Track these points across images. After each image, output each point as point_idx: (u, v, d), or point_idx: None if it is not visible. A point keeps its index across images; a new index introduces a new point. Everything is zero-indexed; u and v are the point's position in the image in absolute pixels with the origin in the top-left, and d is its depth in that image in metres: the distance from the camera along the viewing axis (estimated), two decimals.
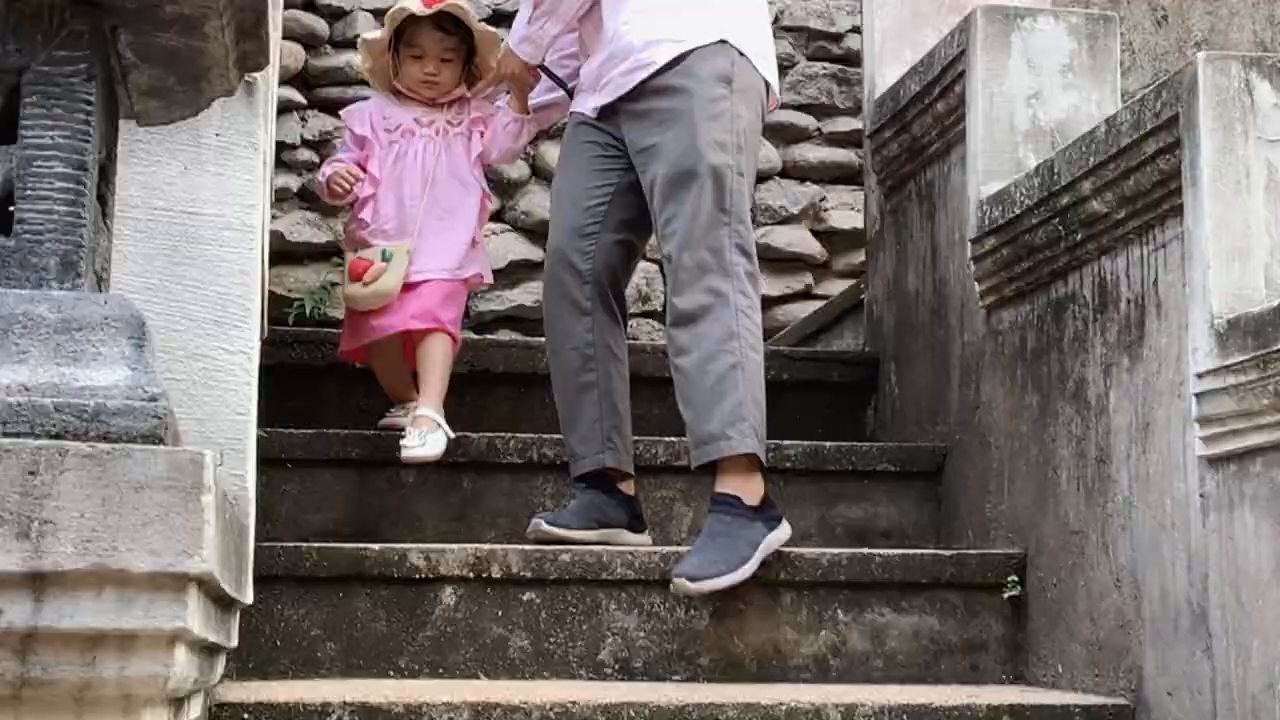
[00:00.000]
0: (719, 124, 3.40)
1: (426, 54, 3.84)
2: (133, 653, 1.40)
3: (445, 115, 3.89)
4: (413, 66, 3.85)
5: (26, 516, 1.36)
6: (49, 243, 1.51)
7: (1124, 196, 3.12)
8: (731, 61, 3.46)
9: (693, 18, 3.47)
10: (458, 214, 3.82)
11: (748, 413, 3.31)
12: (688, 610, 3.41)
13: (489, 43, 3.88)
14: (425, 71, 3.84)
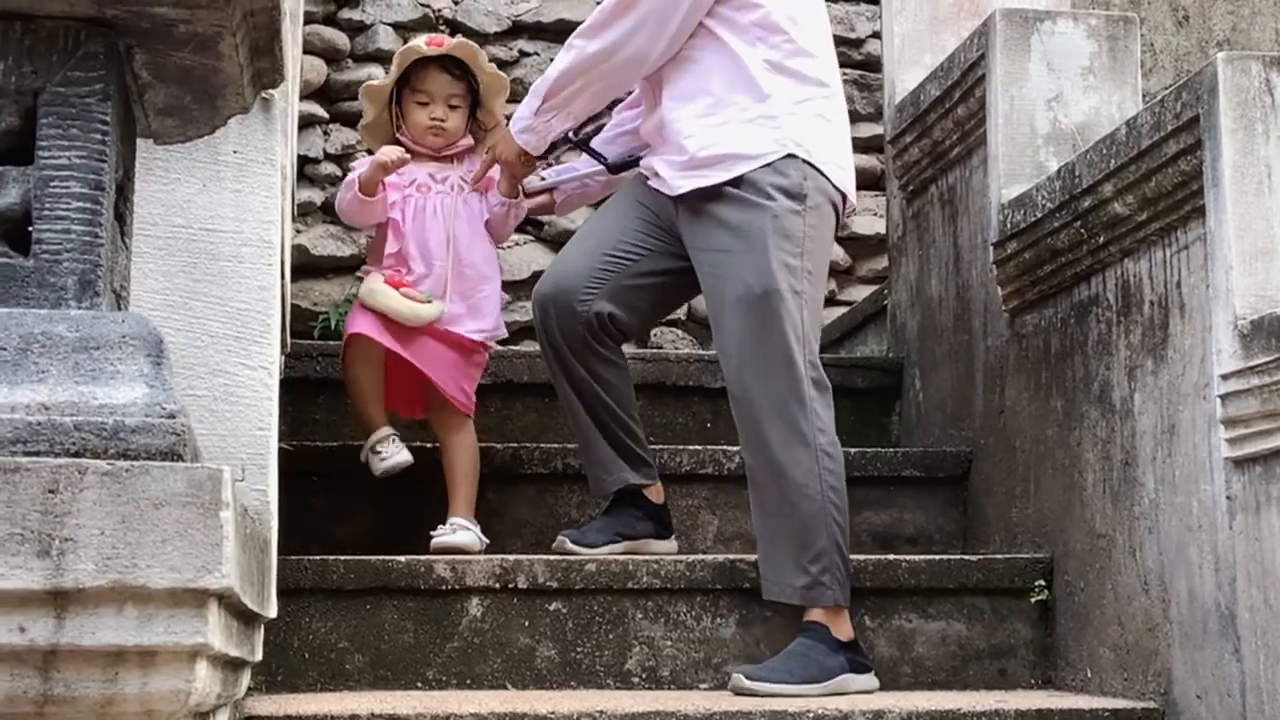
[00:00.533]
0: (789, 244, 3.23)
1: (434, 99, 3.70)
2: (154, 669, 1.40)
3: (458, 170, 3.74)
4: (419, 113, 3.70)
5: (47, 535, 1.37)
6: (67, 262, 1.52)
7: (1146, 198, 3.11)
8: (804, 176, 3.27)
9: (759, 132, 3.27)
10: (486, 271, 3.70)
11: (832, 560, 3.19)
12: (714, 619, 3.41)
13: (496, 89, 3.75)
14: (432, 117, 3.68)
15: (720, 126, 3.27)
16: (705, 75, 3.30)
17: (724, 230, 3.26)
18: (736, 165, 3.25)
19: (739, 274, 3.21)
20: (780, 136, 3.25)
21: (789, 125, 3.27)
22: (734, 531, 3.81)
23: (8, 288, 1.52)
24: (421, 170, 3.70)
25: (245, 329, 2.04)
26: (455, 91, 3.69)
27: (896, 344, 4.54)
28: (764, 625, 3.41)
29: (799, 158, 3.25)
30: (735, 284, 3.21)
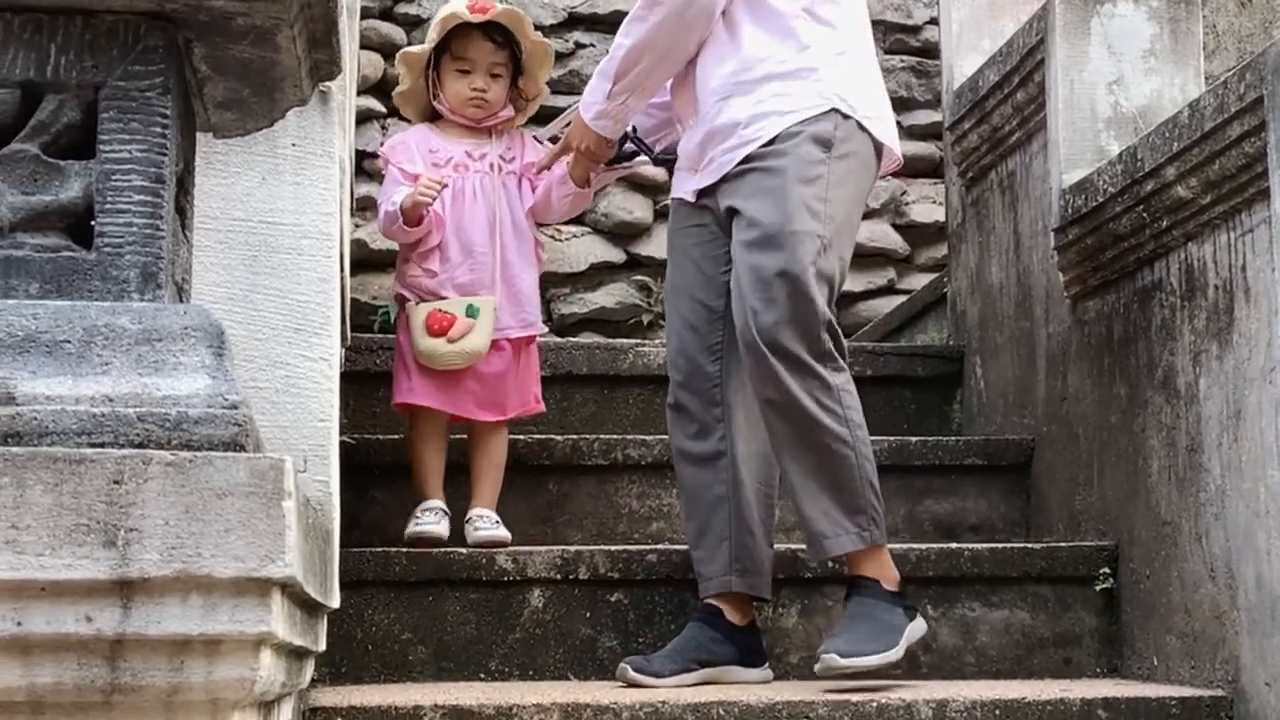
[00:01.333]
0: (812, 189, 3.08)
1: (475, 67, 3.53)
2: (219, 658, 1.41)
3: (497, 149, 3.58)
4: (458, 82, 3.53)
5: (113, 525, 1.38)
6: (129, 255, 1.53)
7: (1209, 181, 3.07)
8: (835, 125, 3.12)
9: (799, 88, 3.13)
10: (523, 262, 3.57)
11: (867, 502, 3.08)
12: (775, 609, 3.40)
13: (539, 57, 3.60)
14: (473, 87, 3.52)
15: (759, 84, 3.13)
16: (739, 31, 3.16)
17: (751, 182, 3.12)
18: (778, 122, 3.11)
19: (758, 216, 3.08)
20: (823, 89, 3.13)
21: (830, 78, 3.14)
22: (795, 522, 3.79)
23: (71, 281, 1.53)
24: (458, 147, 3.57)
25: (305, 321, 2.05)
26: (498, 60, 3.55)
27: (957, 332, 4.51)
28: (826, 615, 3.40)
29: (840, 112, 3.13)
30: (753, 228, 3.08)
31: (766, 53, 3.13)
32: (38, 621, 1.38)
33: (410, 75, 3.55)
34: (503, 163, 3.54)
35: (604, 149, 3.35)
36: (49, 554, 1.37)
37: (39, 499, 1.38)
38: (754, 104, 3.11)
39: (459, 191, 3.49)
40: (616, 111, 3.23)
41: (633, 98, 3.21)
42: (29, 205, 1.54)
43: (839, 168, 3.12)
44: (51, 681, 1.40)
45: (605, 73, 3.21)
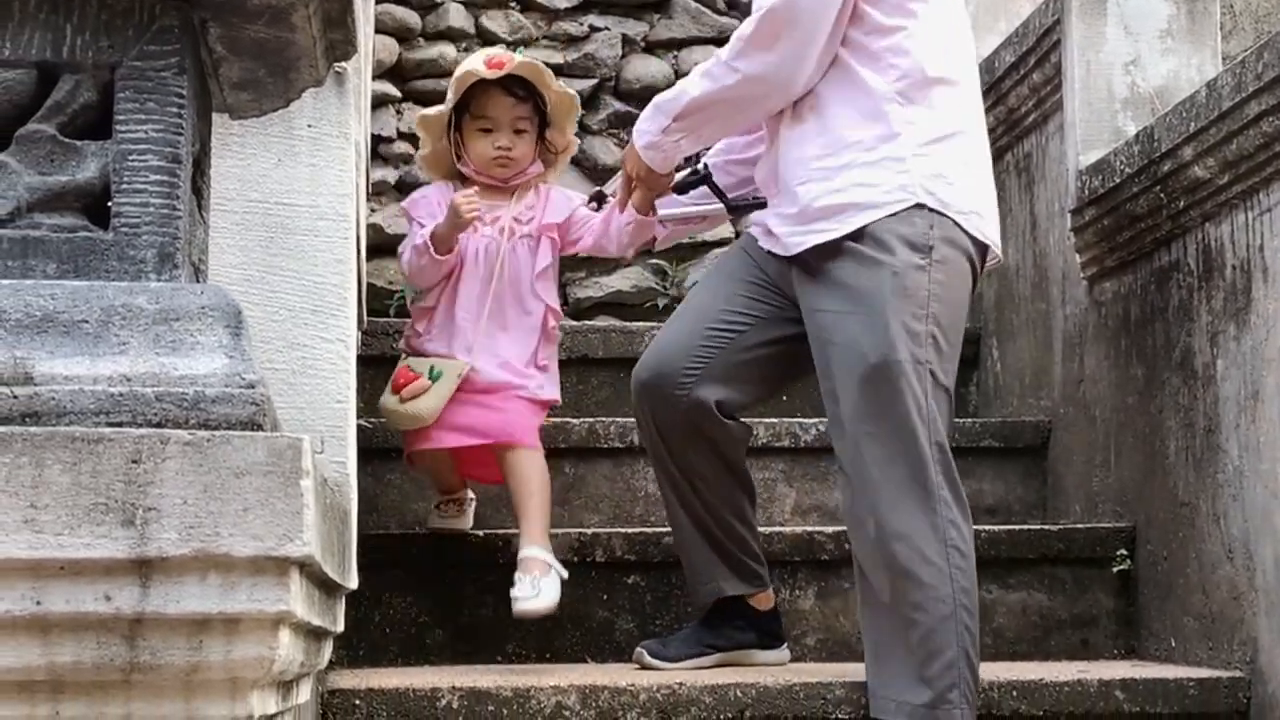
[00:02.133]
0: (911, 305, 2.76)
1: (498, 125, 3.28)
2: (238, 636, 1.41)
3: (513, 210, 3.30)
4: (481, 142, 3.27)
5: (131, 504, 1.38)
6: (146, 235, 1.54)
7: (1227, 161, 3.06)
8: (929, 224, 2.79)
9: (883, 178, 2.80)
10: (511, 334, 3.27)
11: (961, 675, 2.71)
12: (792, 591, 3.40)
13: (565, 108, 3.34)
14: (497, 146, 3.26)
15: (840, 171, 2.82)
16: (826, 109, 2.86)
17: (837, 290, 2.81)
18: (856, 216, 2.80)
19: (852, 339, 2.77)
20: (908, 182, 2.79)
21: (918, 169, 2.80)
22: (811, 504, 3.80)
23: (88, 261, 1.54)
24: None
25: (322, 302, 2.05)
26: (521, 114, 3.29)
27: (973, 314, 4.49)
28: (843, 597, 3.40)
29: (928, 207, 2.79)
30: (848, 351, 2.77)
31: (854, 136, 2.82)
32: (57, 600, 1.39)
33: (431, 138, 3.33)
34: (516, 225, 3.28)
35: (656, 178, 3.08)
36: (68, 533, 1.37)
37: (57, 478, 1.38)
38: (833, 192, 2.82)
39: (471, 253, 3.26)
40: (668, 147, 3.00)
41: (687, 140, 2.99)
42: (46, 186, 1.54)
43: (938, 275, 2.79)
44: (71, 660, 1.40)
45: (664, 108, 2.97)
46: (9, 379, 1.44)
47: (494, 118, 3.27)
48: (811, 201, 2.84)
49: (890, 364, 2.72)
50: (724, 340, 3.02)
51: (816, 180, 2.84)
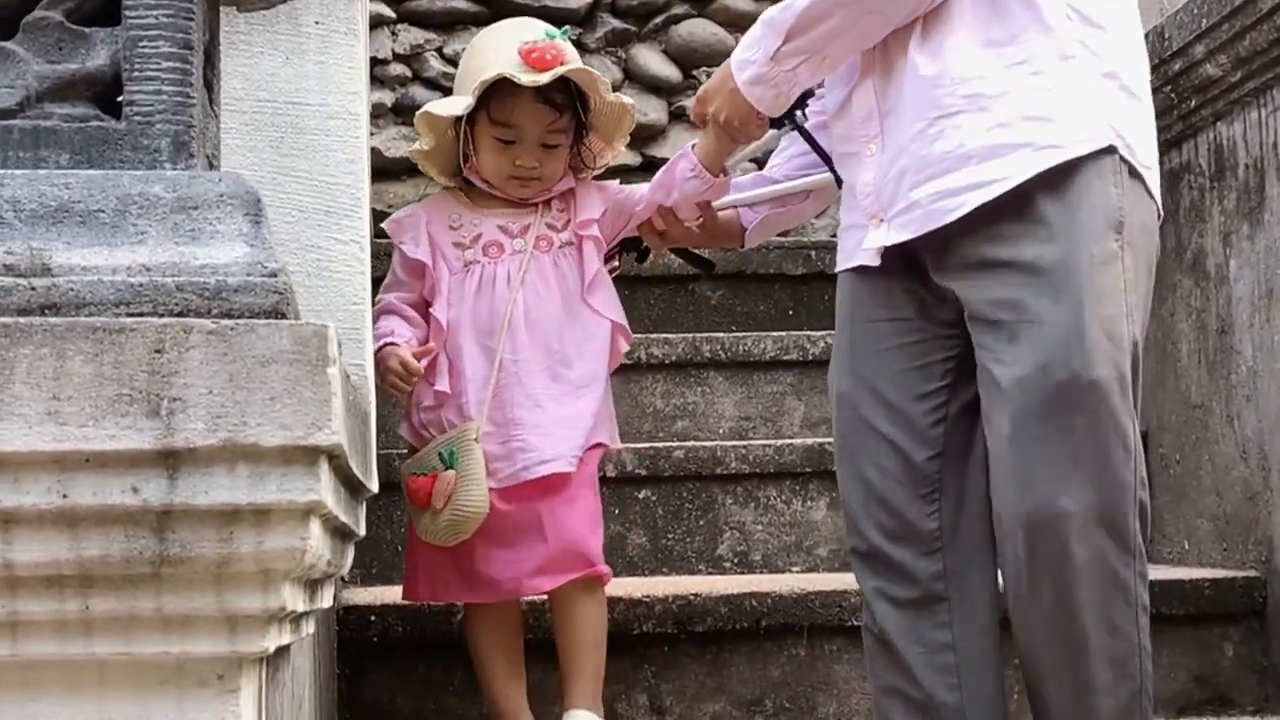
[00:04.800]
0: (1111, 303, 2.04)
1: (522, 137, 2.49)
2: (268, 528, 1.39)
3: (545, 215, 2.56)
4: (498, 156, 2.50)
5: (156, 395, 1.36)
6: (160, 124, 1.50)
7: (1239, 58, 3.02)
8: (1120, 190, 2.08)
9: (1065, 102, 2.08)
10: (581, 366, 2.52)
11: None
12: (804, 502, 3.39)
13: (617, 119, 2.55)
14: (518, 163, 2.49)
15: (1000, 99, 2.07)
16: (971, 17, 2.11)
17: (1006, 274, 2.07)
18: (1030, 160, 2.05)
19: (1032, 346, 2.03)
20: (1094, 118, 2.08)
21: (1104, 102, 2.10)
22: (820, 417, 3.78)
23: (101, 151, 1.50)
24: (488, 220, 2.56)
25: (335, 203, 2.02)
26: (556, 127, 2.51)
27: None
28: None
29: (1118, 154, 2.08)
30: (1023, 361, 2.04)
31: (1017, 53, 2.08)
32: (83, 493, 1.36)
33: (433, 135, 2.54)
34: (552, 233, 2.54)
35: (752, 125, 2.30)
36: (92, 425, 1.35)
37: (79, 369, 1.35)
38: (993, 127, 2.07)
39: (488, 280, 2.51)
40: (780, 79, 2.20)
41: (805, 66, 2.18)
42: (55, 74, 1.50)
43: (1135, 256, 2.10)
44: (99, 554, 1.38)
45: (774, 23, 2.17)
46: (26, 270, 1.41)
47: (519, 128, 2.48)
48: (964, 138, 2.07)
49: (1088, 383, 2.01)
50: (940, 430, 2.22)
51: (969, 110, 2.07)
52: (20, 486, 1.36)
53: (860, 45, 2.17)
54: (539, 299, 2.49)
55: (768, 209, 2.60)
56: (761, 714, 2.92)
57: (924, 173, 2.09)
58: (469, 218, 2.56)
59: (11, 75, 1.49)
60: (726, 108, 2.28)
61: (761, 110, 2.25)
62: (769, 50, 2.18)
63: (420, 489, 2.44)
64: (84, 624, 1.41)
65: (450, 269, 2.52)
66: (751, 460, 3.35)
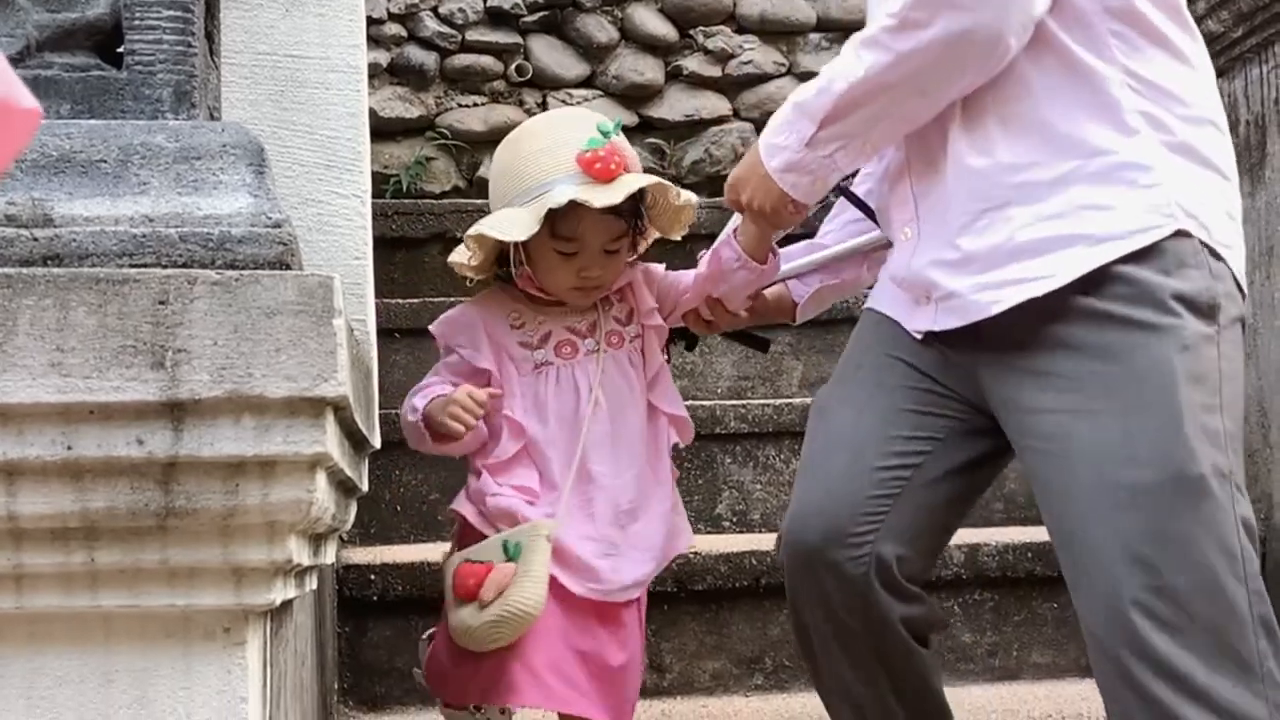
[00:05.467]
0: (1204, 393, 1.85)
1: (587, 248, 2.22)
2: (274, 479, 1.39)
3: (609, 311, 2.32)
4: (560, 269, 2.23)
5: (160, 346, 1.35)
6: (161, 74, 1.49)
7: (1241, 13, 3.01)
8: (1208, 270, 1.88)
9: (1123, 196, 1.87)
10: (657, 468, 2.28)
11: None
12: (790, 467, 3.39)
13: (676, 215, 2.30)
14: (583, 274, 2.23)
15: (1055, 187, 1.89)
16: (1019, 93, 1.91)
17: (1072, 373, 1.88)
18: (1091, 253, 1.86)
19: (1114, 447, 1.84)
20: (1160, 200, 1.87)
21: (1171, 181, 1.88)
22: (819, 376, 3.77)
23: (103, 101, 1.49)
24: (556, 320, 2.29)
25: (335, 157, 2.00)
26: (618, 234, 2.25)
27: None
28: None
29: (1193, 236, 1.87)
30: (1108, 467, 1.84)
31: (1072, 133, 1.89)
32: (88, 445, 1.35)
33: (481, 252, 2.22)
34: (620, 328, 2.32)
35: (785, 213, 2.08)
36: (96, 376, 1.34)
37: (83, 320, 1.34)
38: (1048, 219, 1.88)
39: (564, 383, 2.25)
40: (816, 166, 2.00)
41: (844, 152, 1.99)
42: (55, 23, 1.49)
43: (1227, 344, 1.90)
44: (105, 506, 1.37)
45: (807, 107, 1.98)
46: (28, 221, 1.39)
47: (585, 242, 2.22)
48: (1013, 230, 1.89)
49: (1188, 480, 1.80)
50: (899, 481, 2.06)
51: (1019, 202, 1.90)
52: (24, 439, 1.35)
53: (905, 129, 1.98)
54: (620, 400, 2.25)
55: (819, 280, 2.34)
56: (761, 672, 2.92)
57: (970, 265, 1.92)
58: (530, 315, 2.27)
59: (11, 24, 1.48)
60: (759, 195, 2.06)
61: (796, 198, 2.03)
62: (803, 136, 1.98)
63: (470, 575, 2.15)
64: (89, 576, 1.40)
65: (519, 371, 2.24)
66: (750, 420, 3.35)
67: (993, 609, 2.98)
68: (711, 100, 4.91)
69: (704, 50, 4.92)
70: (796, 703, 2.81)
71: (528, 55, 4.84)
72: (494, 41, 4.80)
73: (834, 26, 4.96)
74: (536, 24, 4.83)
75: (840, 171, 2.00)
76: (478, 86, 4.80)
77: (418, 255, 3.96)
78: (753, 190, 2.06)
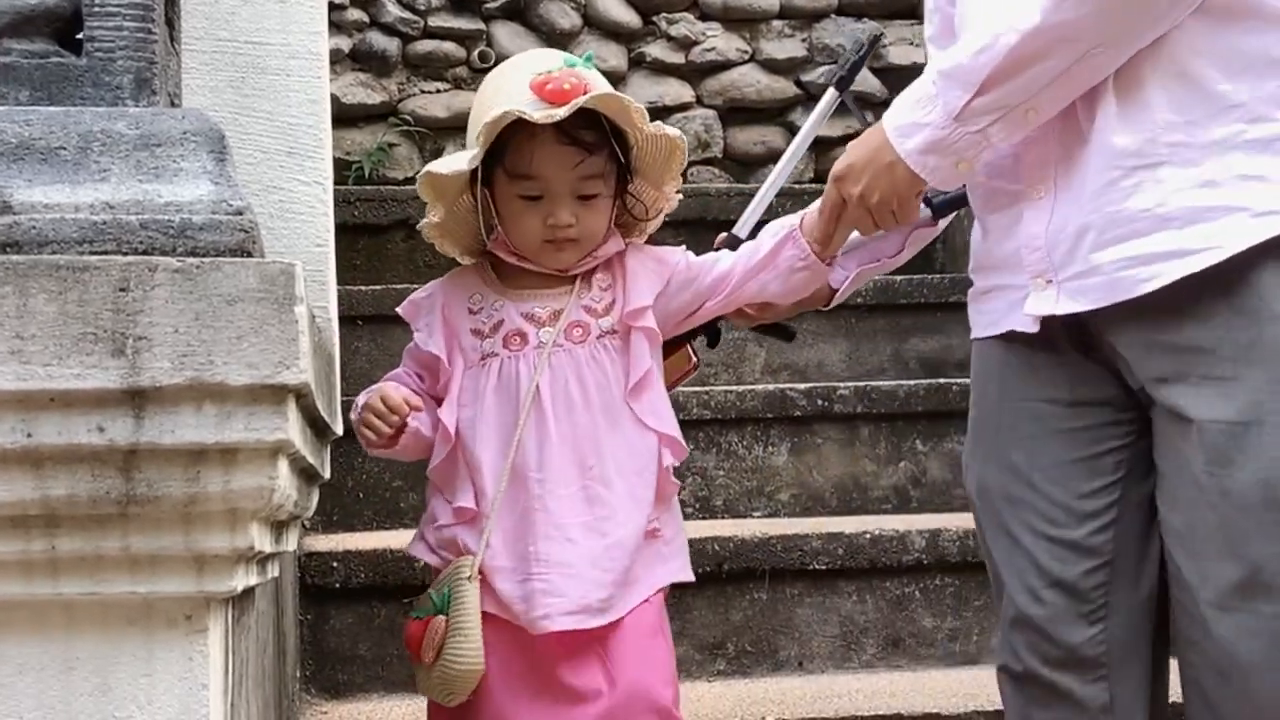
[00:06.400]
0: None
1: (552, 190, 1.98)
2: (236, 467, 1.39)
3: (582, 295, 2.05)
4: (525, 216, 1.99)
5: (121, 333, 1.34)
6: (121, 60, 1.48)
7: None
8: None
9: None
10: (622, 486, 2.00)
11: None
12: (765, 448, 3.40)
13: (665, 156, 2.05)
14: (550, 221, 1.98)
15: (1209, 151, 1.69)
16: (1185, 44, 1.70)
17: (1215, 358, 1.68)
18: (1247, 228, 1.67)
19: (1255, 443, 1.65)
20: None
21: None
22: (781, 363, 3.79)
23: (62, 88, 1.48)
24: (513, 306, 2.05)
25: (297, 144, 2.00)
26: (590, 172, 1.99)
27: None
28: (816, 453, 3.40)
29: None
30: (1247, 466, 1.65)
31: (1237, 94, 1.69)
32: (48, 433, 1.35)
33: (442, 203, 2.03)
34: (590, 318, 2.04)
35: (915, 206, 1.86)
36: (56, 364, 1.34)
37: (43, 308, 1.34)
38: (1200, 185, 1.68)
39: (508, 378, 2.01)
40: (963, 144, 1.75)
41: (1002, 123, 1.74)
42: (13, 8, 1.48)
43: None
44: (65, 494, 1.37)
45: (961, 71, 1.73)
46: None
47: (546, 179, 1.98)
48: (1163, 195, 1.69)
49: None
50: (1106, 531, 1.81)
51: (1172, 162, 1.69)
52: None
53: (1078, 90, 1.73)
54: (570, 402, 1.98)
55: (856, 263, 2.11)
56: (724, 657, 2.94)
57: (1111, 232, 1.71)
58: (490, 300, 2.04)
59: None
60: (881, 187, 1.80)
61: (934, 184, 1.80)
62: (952, 108, 1.73)
63: (411, 637, 1.98)
64: (50, 564, 1.40)
65: (466, 363, 2.02)
66: (713, 406, 3.36)
67: (953, 594, 3.00)
68: (674, 87, 4.91)
69: (667, 37, 4.92)
70: (759, 688, 2.83)
71: (490, 41, 4.83)
72: (456, 27, 4.78)
73: (798, 14, 4.96)
74: (499, 10, 4.82)
75: (989, 149, 1.77)
76: (440, 73, 4.79)
77: (380, 242, 3.95)
78: (872, 180, 1.80)
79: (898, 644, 2.99)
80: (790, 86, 4.92)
